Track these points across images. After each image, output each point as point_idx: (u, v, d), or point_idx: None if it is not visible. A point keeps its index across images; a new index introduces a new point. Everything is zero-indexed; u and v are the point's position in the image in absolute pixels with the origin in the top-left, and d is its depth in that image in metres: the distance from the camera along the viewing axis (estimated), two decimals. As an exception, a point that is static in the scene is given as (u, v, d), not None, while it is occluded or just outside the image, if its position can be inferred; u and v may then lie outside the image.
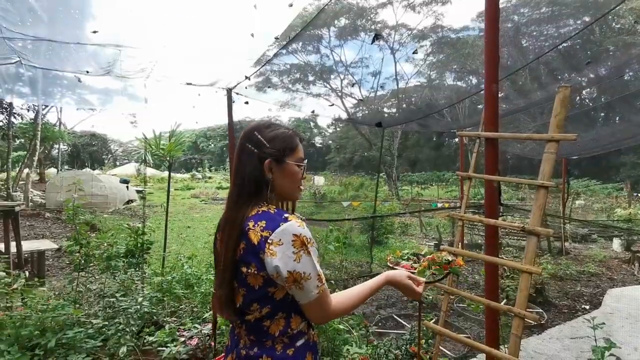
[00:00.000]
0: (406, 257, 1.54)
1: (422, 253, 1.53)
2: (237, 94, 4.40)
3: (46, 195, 17.35)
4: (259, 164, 1.12)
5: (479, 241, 8.85)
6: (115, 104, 5.47)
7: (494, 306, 1.60)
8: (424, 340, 2.04)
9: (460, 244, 1.89)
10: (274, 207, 1.12)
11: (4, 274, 3.25)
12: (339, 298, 1.17)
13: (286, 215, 1.07)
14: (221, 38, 3.80)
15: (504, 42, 4.26)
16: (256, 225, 1.04)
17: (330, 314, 1.14)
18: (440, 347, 3.55)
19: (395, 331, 4.06)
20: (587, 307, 5.06)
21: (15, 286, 3.52)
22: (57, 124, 25.37)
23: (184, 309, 3.35)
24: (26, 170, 17.87)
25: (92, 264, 3.76)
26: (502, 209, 8.91)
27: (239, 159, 1.15)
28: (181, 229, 12.86)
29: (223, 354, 1.31)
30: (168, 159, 4.65)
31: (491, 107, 1.84)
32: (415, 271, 1.45)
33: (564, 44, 4.10)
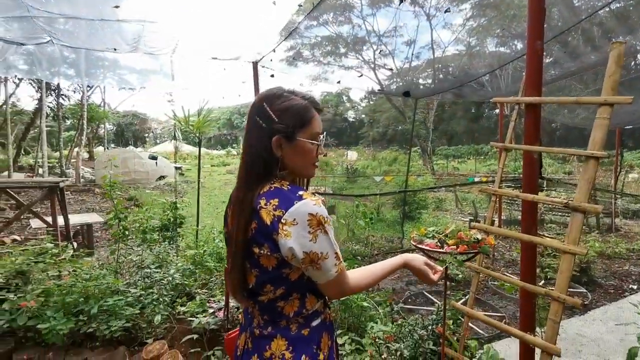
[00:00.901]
0: (431, 235, 1.44)
1: (449, 231, 1.42)
2: (263, 67, 4.32)
3: (95, 172, 18.50)
4: (267, 140, 1.03)
5: (519, 217, 8.43)
6: (152, 83, 5.60)
7: (530, 289, 1.47)
8: (451, 321, 1.95)
9: (496, 220, 1.75)
10: (287, 182, 1.05)
11: (51, 245, 3.48)
12: (356, 275, 1.11)
13: (300, 192, 0.99)
14: (245, 10, 3.69)
15: (555, 1, 3.84)
16: (268, 203, 0.98)
17: (347, 291, 1.08)
18: (472, 326, 3.46)
19: (426, 308, 3.99)
20: (635, 287, 4.71)
21: (63, 256, 3.79)
22: (102, 104, 26.66)
23: (215, 281, 3.45)
24: (76, 149, 19.05)
25: (130, 237, 3.94)
26: (545, 184, 8.39)
27: (248, 133, 1.08)
28: (217, 203, 13.27)
29: (237, 330, 1.30)
30: (197, 135, 4.70)
31: (534, 67, 1.64)
32: (441, 250, 1.35)
33: (618, 4, 3.64)
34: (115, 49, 3.16)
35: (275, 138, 1.03)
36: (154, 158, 17.50)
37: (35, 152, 19.45)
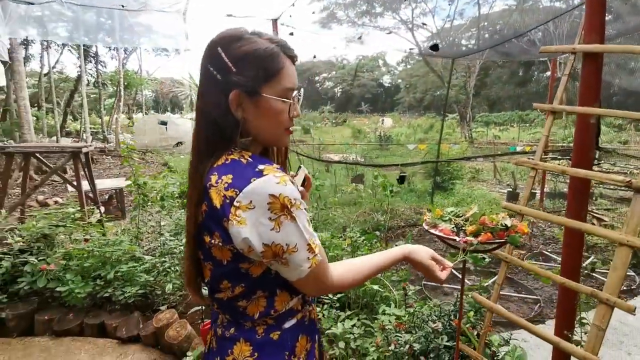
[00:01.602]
0: (447, 217, 1.19)
1: (470, 213, 1.16)
2: (283, 24, 3.99)
3: (134, 138, 19.21)
4: (223, 97, 0.79)
5: (565, 189, 7.77)
6: (183, 46, 5.49)
7: (571, 287, 1.20)
8: (472, 312, 1.72)
9: (537, 192, 1.44)
10: (250, 154, 0.82)
11: (73, 209, 3.53)
12: (341, 270, 0.90)
13: (262, 166, 0.76)
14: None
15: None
16: (220, 180, 0.76)
17: (328, 288, 0.87)
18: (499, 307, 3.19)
19: (452, 286, 3.75)
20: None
21: (89, 220, 3.86)
22: (138, 70, 27.21)
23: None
24: (115, 115, 19.75)
25: (150, 204, 3.94)
26: (598, 154, 7.59)
27: (200, 89, 0.84)
28: (248, 170, 13.39)
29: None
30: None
31: (595, 7, 1.26)
32: (457, 239, 1.09)
33: None
34: (122, 6, 2.98)
35: (232, 93, 0.78)
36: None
37: (81, 118, 20.34)
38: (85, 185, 4.39)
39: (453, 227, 1.13)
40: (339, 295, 2.35)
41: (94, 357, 2.55)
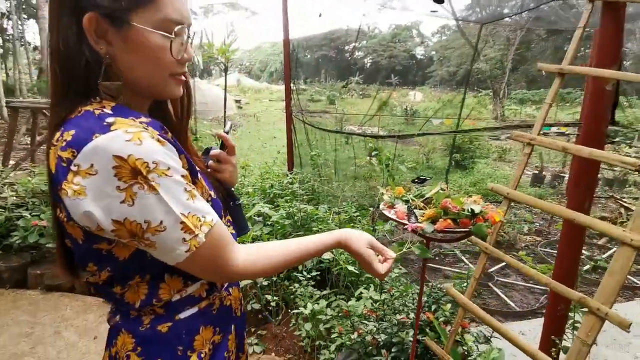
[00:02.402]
0: (408, 198, 0.99)
1: (432, 193, 0.96)
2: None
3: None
4: (74, 22, 0.61)
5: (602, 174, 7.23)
6: (215, 12, 5.27)
7: (556, 290, 0.99)
8: (449, 306, 1.53)
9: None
10: (113, 104, 0.64)
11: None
12: (252, 255, 0.74)
13: (111, 119, 0.58)
14: None
15: None
16: (61, 137, 0.59)
17: (230, 274, 0.72)
18: (502, 296, 2.98)
19: (453, 269, 3.56)
20: None
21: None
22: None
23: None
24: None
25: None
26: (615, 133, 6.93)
27: (49, 15, 0.66)
28: (267, 139, 13.32)
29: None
30: (223, 61, 4.35)
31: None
32: (407, 225, 0.90)
33: None
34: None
35: (86, 17, 0.60)
36: None
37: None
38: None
39: (410, 209, 0.94)
40: (314, 273, 2.23)
41: (78, 313, 2.58)
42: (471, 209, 0.86)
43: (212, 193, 0.76)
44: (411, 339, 1.29)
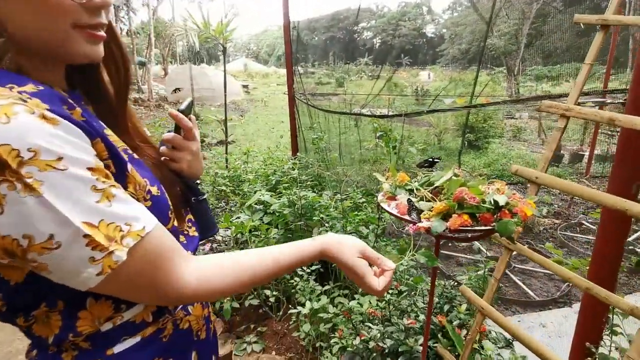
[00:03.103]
0: (413, 187, 0.80)
1: (445, 179, 0.76)
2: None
3: (167, 89, 19.38)
4: None
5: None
6: None
7: (599, 296, 0.80)
8: (464, 307, 1.35)
9: (585, 156, 1.00)
10: None
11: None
12: (209, 269, 0.58)
13: None
14: None
15: None
16: None
17: (179, 296, 0.56)
18: (523, 286, 2.78)
19: (468, 256, 3.36)
20: None
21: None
22: (172, 20, 26.83)
23: (227, 208, 3.16)
24: (148, 65, 19.80)
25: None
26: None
27: None
28: (275, 123, 13.12)
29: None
30: (221, 43, 4.13)
31: None
32: (410, 223, 0.72)
33: None
34: None
35: None
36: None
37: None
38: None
39: (416, 201, 0.75)
40: (316, 266, 2.06)
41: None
42: (494, 200, 0.67)
43: (153, 189, 0.59)
44: (421, 347, 1.12)
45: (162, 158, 0.72)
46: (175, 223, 0.64)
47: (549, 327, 2.36)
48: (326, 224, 2.18)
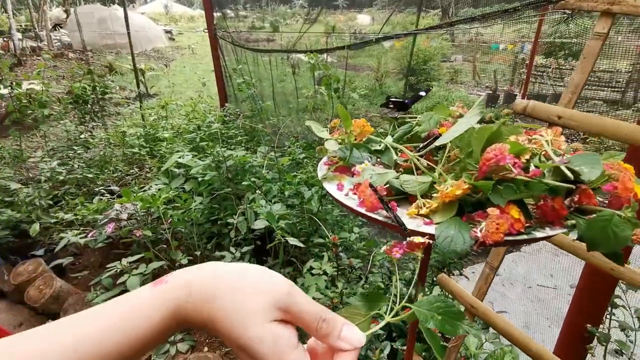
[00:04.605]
0: (388, 145, 0.44)
1: (452, 133, 0.41)
2: None
3: (70, 35, 16.57)
4: None
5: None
6: None
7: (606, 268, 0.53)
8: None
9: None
10: None
11: None
12: None
13: None
14: None
15: None
16: None
17: None
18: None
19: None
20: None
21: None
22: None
23: (142, 174, 2.61)
24: (44, 7, 16.63)
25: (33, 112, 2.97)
26: None
27: None
28: (205, 73, 11.92)
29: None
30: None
31: None
32: (407, 236, 0.37)
33: None
34: None
35: None
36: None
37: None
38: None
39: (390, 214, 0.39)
40: (257, 232, 1.70)
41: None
42: (573, 171, 0.33)
43: None
44: (387, 358, 0.84)
45: None
46: None
47: (502, 275, 2.28)
48: (259, 189, 1.79)
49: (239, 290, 0.30)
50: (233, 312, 0.29)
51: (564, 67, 7.45)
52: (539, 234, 0.37)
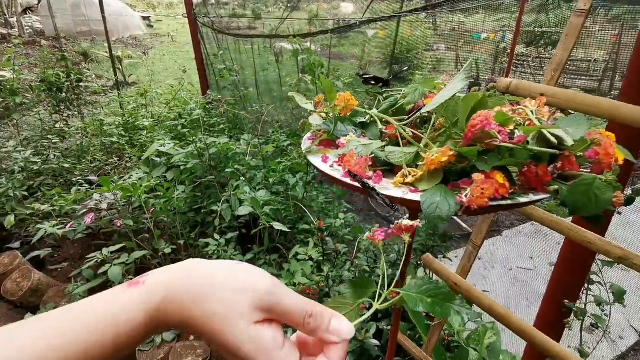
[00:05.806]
0: (374, 116, 0.44)
1: (435, 101, 0.42)
2: None
3: (43, 21, 15.85)
4: None
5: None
6: None
7: (583, 239, 0.56)
8: (422, 274, 1.12)
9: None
10: None
11: None
12: None
13: None
14: None
15: None
16: None
17: None
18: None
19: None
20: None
21: None
22: None
23: (121, 164, 2.54)
24: (13, -9, 15.82)
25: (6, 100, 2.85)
26: None
27: None
28: (185, 61, 11.64)
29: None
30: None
31: None
32: (398, 218, 0.36)
33: None
34: None
35: None
36: None
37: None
38: None
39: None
40: (241, 220, 1.69)
41: None
42: (555, 135, 0.34)
43: None
44: (372, 338, 0.85)
45: None
46: None
47: (483, 258, 2.34)
48: (243, 177, 1.77)
49: (219, 292, 0.29)
50: (213, 315, 0.28)
51: (543, 57, 7.60)
52: (523, 199, 0.37)
